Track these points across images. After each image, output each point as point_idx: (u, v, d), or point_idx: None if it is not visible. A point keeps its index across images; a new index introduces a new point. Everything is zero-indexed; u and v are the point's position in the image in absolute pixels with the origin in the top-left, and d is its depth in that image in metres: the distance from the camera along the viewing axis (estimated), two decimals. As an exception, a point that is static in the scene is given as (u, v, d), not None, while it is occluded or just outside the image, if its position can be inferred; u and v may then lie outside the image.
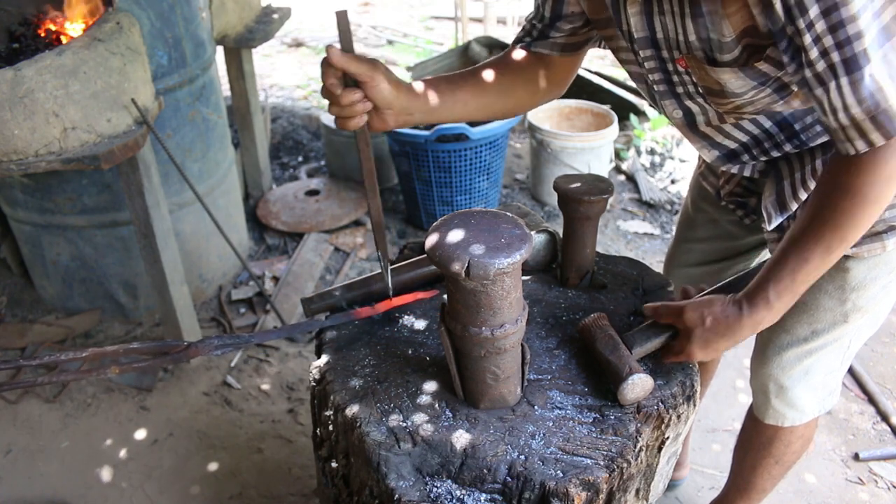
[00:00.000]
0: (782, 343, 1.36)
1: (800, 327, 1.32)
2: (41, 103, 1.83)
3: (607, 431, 1.02)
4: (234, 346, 1.13)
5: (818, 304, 1.28)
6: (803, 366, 1.37)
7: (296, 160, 4.08)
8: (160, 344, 1.12)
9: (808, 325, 1.31)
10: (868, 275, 1.22)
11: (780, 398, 1.43)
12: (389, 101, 1.10)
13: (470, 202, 3.23)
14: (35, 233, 2.61)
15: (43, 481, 2.13)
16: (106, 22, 2.00)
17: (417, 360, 1.17)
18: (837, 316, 1.28)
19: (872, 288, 1.23)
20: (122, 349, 1.08)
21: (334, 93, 1.06)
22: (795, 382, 1.40)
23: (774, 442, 1.53)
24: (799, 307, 1.29)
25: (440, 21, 6.91)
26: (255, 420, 2.33)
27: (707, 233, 1.56)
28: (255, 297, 2.88)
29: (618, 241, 3.29)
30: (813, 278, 1.02)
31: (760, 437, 1.55)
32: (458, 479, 0.98)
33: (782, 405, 1.44)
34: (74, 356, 1.06)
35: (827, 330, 1.31)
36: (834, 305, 1.27)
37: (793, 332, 1.34)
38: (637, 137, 4.07)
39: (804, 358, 1.36)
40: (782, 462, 1.58)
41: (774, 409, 1.45)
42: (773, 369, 1.40)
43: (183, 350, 1.10)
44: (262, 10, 3.28)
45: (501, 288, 0.94)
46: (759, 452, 1.58)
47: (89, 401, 2.41)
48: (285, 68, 5.83)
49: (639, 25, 1.08)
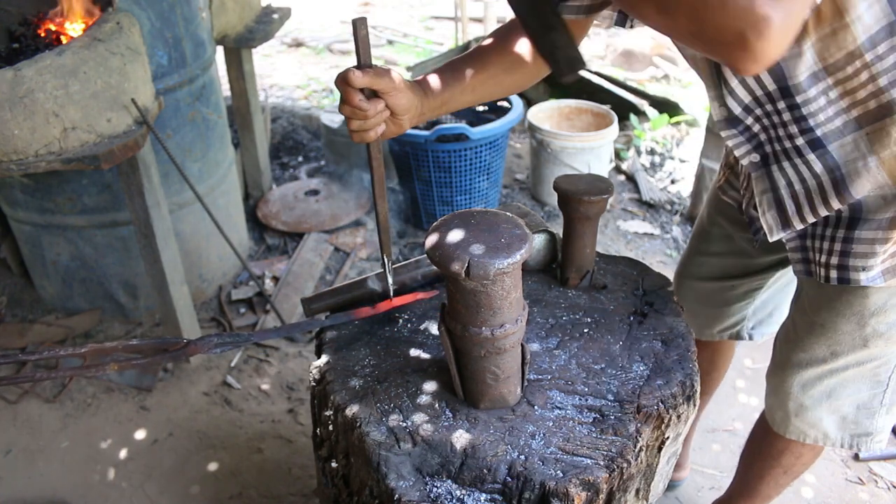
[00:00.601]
0: (800, 361, 1.32)
1: (818, 348, 1.29)
2: (41, 103, 1.83)
3: (607, 431, 1.02)
4: (233, 345, 1.13)
5: (836, 328, 1.24)
6: (824, 386, 1.33)
7: (296, 160, 4.08)
8: (159, 341, 1.12)
9: (826, 346, 1.28)
10: (889, 301, 1.17)
11: (799, 417, 1.39)
12: (408, 107, 1.10)
13: (470, 202, 3.23)
14: (35, 233, 2.61)
15: (43, 481, 2.13)
16: (106, 22, 2.00)
17: (417, 360, 1.17)
18: (857, 339, 1.24)
19: (893, 313, 1.18)
20: (121, 346, 1.08)
21: (364, 108, 1.05)
22: (816, 402, 1.35)
23: (785, 454, 1.51)
24: (817, 330, 1.27)
25: (440, 21, 6.92)
26: (255, 420, 2.33)
27: (721, 248, 1.53)
28: (255, 297, 2.88)
29: (618, 241, 3.29)
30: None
31: (771, 449, 1.53)
32: (458, 479, 0.98)
33: (803, 424, 1.40)
34: (73, 352, 1.06)
35: (846, 352, 1.26)
36: (852, 329, 1.23)
37: (810, 351, 1.30)
38: (637, 137, 4.07)
39: (825, 378, 1.32)
40: (791, 472, 1.55)
41: (796, 427, 1.41)
42: (793, 387, 1.36)
43: (182, 348, 1.10)
44: (262, 10, 3.28)
45: (501, 288, 0.94)
46: (767, 462, 1.56)
47: (89, 401, 2.41)
48: (285, 68, 5.83)
49: None
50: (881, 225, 1.09)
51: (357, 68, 1.04)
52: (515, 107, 3.20)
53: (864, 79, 1.00)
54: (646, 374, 1.12)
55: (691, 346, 1.19)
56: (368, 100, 1.06)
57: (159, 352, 1.11)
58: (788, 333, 1.37)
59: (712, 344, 1.75)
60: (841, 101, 1.04)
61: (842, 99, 1.03)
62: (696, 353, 1.19)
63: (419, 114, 1.16)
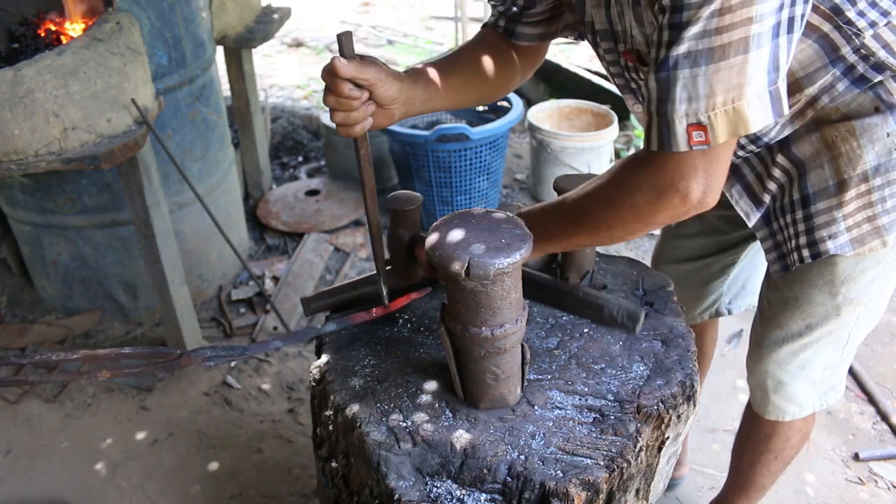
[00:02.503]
0: (777, 339, 1.36)
1: (793, 323, 1.32)
2: (41, 103, 1.83)
3: (607, 431, 1.02)
4: (226, 358, 1.13)
5: (809, 300, 1.28)
6: (799, 360, 1.37)
7: (296, 160, 4.08)
8: (153, 350, 1.12)
9: (801, 320, 1.31)
10: (857, 267, 1.21)
11: (778, 393, 1.43)
12: (395, 97, 1.09)
13: (470, 202, 3.23)
14: (35, 233, 2.61)
15: (43, 481, 2.13)
16: (106, 22, 2.00)
17: (417, 360, 1.17)
18: (830, 309, 1.28)
19: (862, 279, 1.23)
20: (114, 353, 1.08)
21: (353, 97, 1.04)
22: (793, 377, 1.40)
23: (773, 437, 1.54)
24: (790, 303, 1.30)
25: (440, 21, 6.91)
26: (255, 420, 2.33)
27: (694, 228, 1.57)
28: (255, 297, 2.88)
29: (618, 241, 3.28)
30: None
31: (759, 434, 1.56)
32: (458, 479, 0.98)
33: (781, 400, 1.44)
34: (66, 357, 1.06)
35: (820, 323, 1.31)
36: (825, 300, 1.27)
37: (786, 327, 1.34)
38: (637, 137, 4.07)
39: (800, 352, 1.36)
40: (781, 457, 1.58)
41: (774, 405, 1.46)
42: (770, 365, 1.40)
43: (175, 359, 1.10)
44: (262, 10, 3.28)
45: (501, 288, 0.94)
46: (757, 448, 1.59)
47: (89, 401, 2.41)
48: (285, 68, 5.83)
49: (598, 17, 1.10)
50: (830, 192, 1.15)
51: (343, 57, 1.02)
52: (515, 107, 3.21)
53: (802, 104, 1.12)
54: (646, 374, 1.12)
55: (691, 346, 1.19)
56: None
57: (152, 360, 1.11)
58: (763, 312, 1.40)
59: (696, 328, 1.77)
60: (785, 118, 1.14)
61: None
62: (696, 353, 1.19)
63: (409, 103, 1.15)
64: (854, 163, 1.12)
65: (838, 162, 1.13)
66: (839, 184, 1.14)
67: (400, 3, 7.64)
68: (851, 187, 1.13)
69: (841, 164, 1.13)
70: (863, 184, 1.13)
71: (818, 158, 1.15)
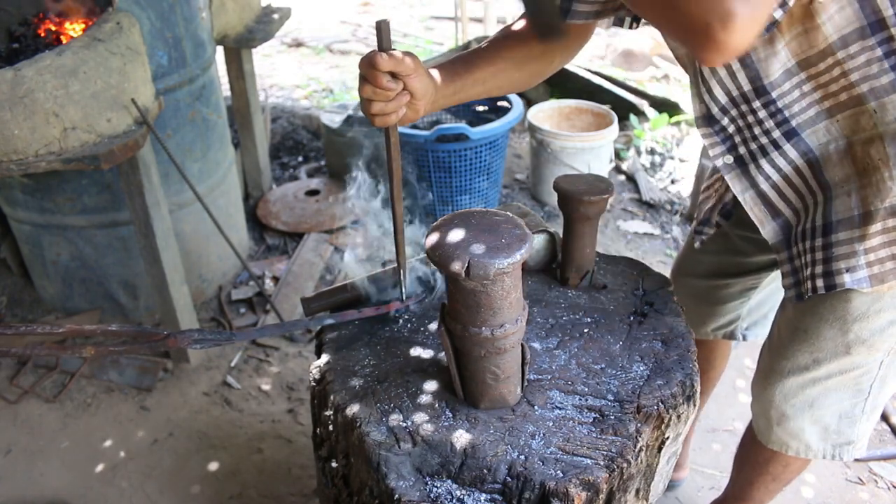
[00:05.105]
0: (783, 369, 1.32)
1: (800, 355, 1.28)
2: (41, 103, 1.83)
3: (607, 431, 1.02)
4: (213, 342, 1.12)
5: (819, 333, 1.23)
6: (806, 396, 1.32)
7: (296, 160, 4.08)
8: (140, 329, 1.11)
9: (808, 353, 1.27)
10: (872, 306, 1.16)
11: (781, 426, 1.38)
12: (425, 91, 1.10)
13: (470, 202, 3.23)
14: (35, 233, 2.61)
15: (43, 481, 2.13)
16: (106, 22, 2.00)
17: (417, 360, 1.17)
18: (839, 346, 1.23)
19: (877, 320, 1.17)
20: (100, 329, 1.08)
21: (392, 88, 1.05)
22: (798, 412, 1.34)
23: (772, 462, 1.50)
24: (799, 335, 1.26)
25: (440, 21, 6.91)
26: (255, 420, 2.33)
27: (717, 246, 1.53)
28: (255, 297, 2.88)
29: (618, 241, 3.29)
30: None
31: (758, 457, 1.53)
32: (458, 479, 0.98)
33: (784, 434, 1.39)
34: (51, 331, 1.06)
35: (828, 360, 1.25)
36: (835, 335, 1.21)
37: (793, 359, 1.29)
38: (637, 137, 4.07)
39: (807, 387, 1.31)
40: (780, 480, 1.55)
41: (777, 437, 1.40)
42: (775, 395, 1.35)
43: (161, 339, 1.09)
44: (262, 10, 3.28)
45: (501, 288, 0.94)
46: (755, 470, 1.56)
47: (89, 401, 2.41)
48: (285, 68, 5.83)
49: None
50: (854, 223, 1.11)
51: (381, 51, 1.04)
52: (515, 107, 3.20)
53: (835, 74, 1.06)
54: (646, 374, 1.12)
55: (691, 346, 1.19)
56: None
57: (138, 339, 1.10)
58: (773, 340, 1.36)
59: (708, 343, 1.76)
60: (814, 94, 1.10)
61: (815, 91, 1.10)
62: (696, 353, 1.19)
63: (433, 100, 1.16)
64: (883, 195, 1.07)
65: (866, 192, 1.09)
66: (864, 215, 1.09)
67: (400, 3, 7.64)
68: (878, 220, 1.08)
69: (869, 195, 1.08)
70: (890, 218, 1.08)
71: (846, 185, 1.11)
